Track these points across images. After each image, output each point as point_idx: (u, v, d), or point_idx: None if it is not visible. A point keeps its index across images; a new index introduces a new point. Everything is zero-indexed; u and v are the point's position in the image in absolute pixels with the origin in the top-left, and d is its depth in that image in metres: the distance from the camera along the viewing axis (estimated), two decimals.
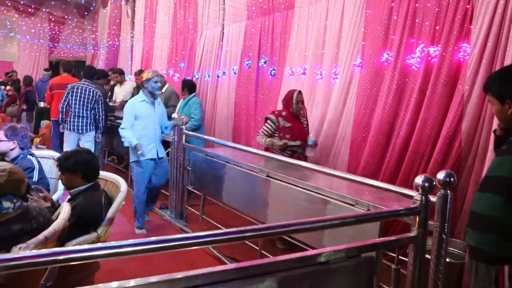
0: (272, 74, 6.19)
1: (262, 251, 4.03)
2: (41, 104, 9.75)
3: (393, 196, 3.05)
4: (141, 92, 4.99)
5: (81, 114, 6.30)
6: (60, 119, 6.48)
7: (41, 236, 2.14)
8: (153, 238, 1.59)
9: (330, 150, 5.15)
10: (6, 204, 2.21)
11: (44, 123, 9.19)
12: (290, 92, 4.71)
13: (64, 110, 6.38)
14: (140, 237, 4.56)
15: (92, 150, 6.26)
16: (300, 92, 4.67)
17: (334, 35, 5.21)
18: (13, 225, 2.21)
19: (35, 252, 1.75)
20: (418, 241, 2.03)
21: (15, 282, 2.15)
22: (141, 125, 4.89)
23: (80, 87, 6.35)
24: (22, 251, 2.04)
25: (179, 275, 1.56)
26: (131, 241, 1.55)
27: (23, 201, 2.30)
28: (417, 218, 2.02)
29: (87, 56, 13.60)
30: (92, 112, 6.37)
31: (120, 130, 4.92)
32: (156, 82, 4.89)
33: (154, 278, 1.51)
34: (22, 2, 11.24)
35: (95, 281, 3.09)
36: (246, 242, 4.07)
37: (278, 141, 4.53)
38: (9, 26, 12.57)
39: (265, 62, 6.34)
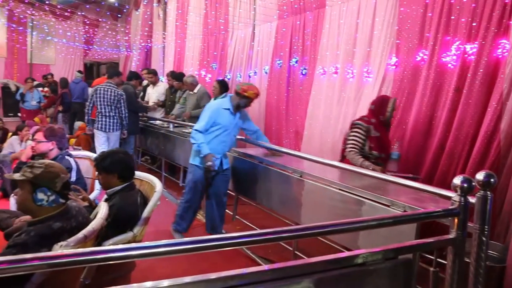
0: (304, 73, 6.17)
1: (296, 252, 4.02)
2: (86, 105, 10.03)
3: (429, 197, 2.99)
4: (228, 99, 4.68)
5: (107, 114, 6.61)
6: (86, 120, 6.98)
7: (80, 234, 2.19)
8: (188, 239, 1.60)
9: None
10: (40, 195, 2.28)
11: (77, 124, 9.40)
12: (385, 98, 4.20)
13: (90, 111, 6.79)
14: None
15: (117, 141, 6.70)
16: (395, 99, 4.17)
17: (366, 33, 5.16)
18: (54, 223, 2.27)
19: (76, 251, 1.80)
20: (457, 243, 1.98)
21: (56, 279, 2.21)
22: (216, 133, 4.56)
23: (102, 88, 6.65)
24: (63, 249, 2.09)
25: (213, 275, 1.57)
26: (166, 241, 1.57)
27: (58, 196, 2.35)
28: (456, 220, 1.97)
29: (120, 57, 13.85)
30: (117, 111, 6.64)
31: (193, 131, 4.59)
32: (250, 104, 4.64)
33: (188, 279, 1.52)
34: (59, 7, 11.53)
35: (131, 280, 3.15)
36: (280, 242, 4.07)
37: (377, 168, 3.83)
38: (46, 30, 12.94)
39: (296, 62, 6.33)
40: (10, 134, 9.64)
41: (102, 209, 2.53)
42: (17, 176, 2.32)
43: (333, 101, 5.59)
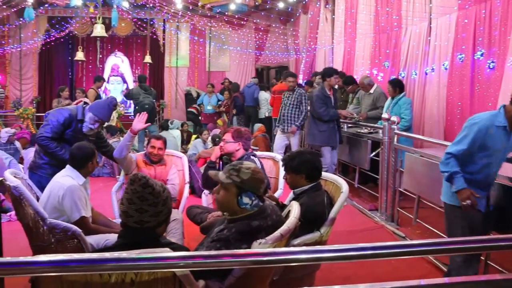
0: (491, 67, 5.62)
1: (488, 262, 3.67)
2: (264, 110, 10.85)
3: None
4: (502, 111, 3.17)
5: (287, 114, 7.17)
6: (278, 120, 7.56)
7: (277, 233, 2.27)
8: (371, 244, 1.55)
9: None
10: (245, 199, 2.39)
11: (256, 126, 9.89)
12: None
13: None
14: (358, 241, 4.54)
15: (296, 144, 7.17)
16: None
17: None
18: (252, 221, 2.39)
19: (282, 249, 1.86)
20: None
21: (253, 273, 2.33)
22: (483, 162, 3.19)
23: (286, 92, 7.35)
24: (262, 246, 2.18)
25: (387, 285, 1.49)
26: (349, 245, 1.54)
27: (259, 200, 2.46)
28: None
29: (289, 61, 14.25)
30: (296, 112, 7.11)
31: (445, 154, 3.25)
32: None
33: (361, 286, 1.47)
34: (236, 16, 12.34)
35: (315, 279, 3.19)
36: None
37: None
38: (223, 40, 13.99)
39: (481, 55, 5.79)
40: (194, 136, 10.62)
41: (295, 209, 2.60)
42: (223, 178, 2.43)
43: None
